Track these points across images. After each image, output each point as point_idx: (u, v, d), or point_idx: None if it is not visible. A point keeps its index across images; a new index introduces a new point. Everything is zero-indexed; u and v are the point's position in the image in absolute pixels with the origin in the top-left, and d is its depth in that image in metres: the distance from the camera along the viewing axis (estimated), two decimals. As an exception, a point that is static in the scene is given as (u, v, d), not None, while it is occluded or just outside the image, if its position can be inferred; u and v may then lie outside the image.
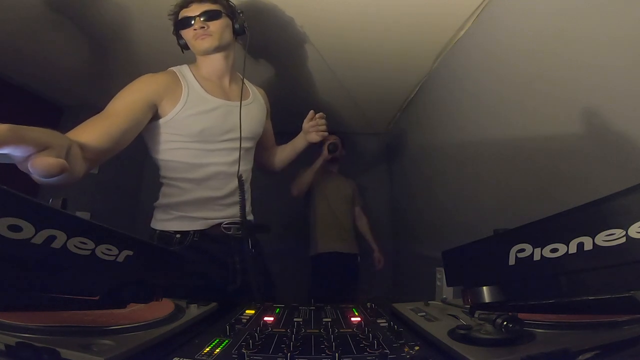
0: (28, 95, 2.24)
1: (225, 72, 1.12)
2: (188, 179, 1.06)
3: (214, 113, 1.05)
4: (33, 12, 1.46)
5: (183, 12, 1.07)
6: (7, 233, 0.36)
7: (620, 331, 0.52)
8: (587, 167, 0.91)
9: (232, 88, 1.14)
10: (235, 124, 1.08)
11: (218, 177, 1.07)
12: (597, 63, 0.87)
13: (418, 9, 1.42)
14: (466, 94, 1.59)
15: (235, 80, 1.17)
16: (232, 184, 1.08)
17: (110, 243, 0.46)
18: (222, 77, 1.13)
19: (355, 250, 2.42)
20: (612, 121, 0.84)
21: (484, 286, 0.52)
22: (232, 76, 1.15)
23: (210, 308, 0.79)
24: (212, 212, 1.07)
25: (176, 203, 1.07)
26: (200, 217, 1.06)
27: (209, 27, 1.05)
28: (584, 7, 0.91)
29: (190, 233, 1.05)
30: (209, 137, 1.04)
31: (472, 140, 1.54)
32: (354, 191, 2.56)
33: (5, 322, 0.50)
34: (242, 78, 1.17)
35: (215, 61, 1.10)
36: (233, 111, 1.09)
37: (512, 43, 1.23)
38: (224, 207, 1.08)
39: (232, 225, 1.09)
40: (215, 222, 1.07)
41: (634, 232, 0.36)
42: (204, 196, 1.06)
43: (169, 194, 1.08)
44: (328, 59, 1.85)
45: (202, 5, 1.05)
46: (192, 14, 1.05)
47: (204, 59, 1.11)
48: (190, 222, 1.05)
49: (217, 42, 1.06)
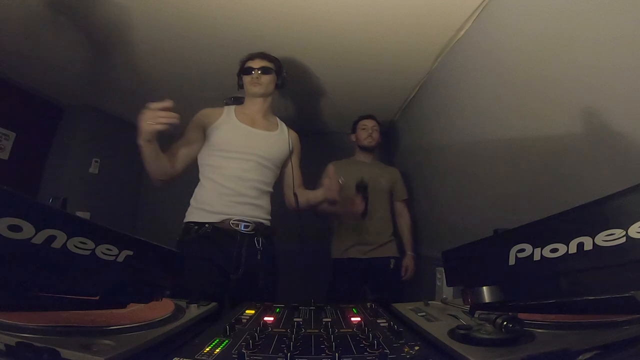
0: (28, 95, 2.24)
1: (260, 110, 1.46)
2: (210, 178, 1.32)
3: (237, 131, 1.37)
4: (33, 12, 1.46)
5: (248, 62, 1.45)
6: (7, 233, 0.36)
7: (620, 331, 0.52)
8: (587, 167, 0.91)
9: (262, 122, 1.46)
10: (254, 144, 1.37)
11: (232, 180, 1.31)
12: (597, 63, 0.87)
13: (418, 9, 1.42)
14: (466, 94, 1.59)
15: (268, 118, 1.49)
16: (243, 186, 1.31)
17: (110, 243, 0.46)
18: (257, 113, 1.46)
19: (386, 254, 2.05)
20: (611, 121, 0.84)
21: (484, 286, 0.52)
22: (265, 114, 1.49)
23: (210, 308, 0.79)
24: (224, 207, 1.29)
25: (200, 198, 1.33)
26: (214, 211, 1.28)
27: (260, 78, 1.42)
28: (584, 7, 0.91)
29: (205, 225, 1.27)
30: (230, 147, 1.33)
31: (472, 140, 1.54)
32: (394, 183, 2.18)
33: (5, 322, 0.50)
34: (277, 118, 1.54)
35: (256, 102, 1.46)
36: (255, 135, 1.40)
37: (512, 43, 1.23)
38: (236, 205, 1.30)
39: (239, 222, 1.29)
40: (226, 217, 1.28)
41: (634, 232, 0.36)
42: (220, 192, 1.30)
43: (198, 191, 1.36)
44: (328, 59, 1.84)
45: (262, 61, 1.44)
46: (253, 66, 1.43)
47: (250, 99, 1.48)
48: (206, 215, 1.28)
49: (262, 91, 1.44)
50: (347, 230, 2.09)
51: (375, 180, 2.08)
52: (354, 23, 1.53)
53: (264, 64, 1.44)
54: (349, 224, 2.08)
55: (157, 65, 1.92)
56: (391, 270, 2.04)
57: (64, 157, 2.43)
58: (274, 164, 1.42)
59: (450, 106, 1.76)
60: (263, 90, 1.43)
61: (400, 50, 1.73)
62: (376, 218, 2.05)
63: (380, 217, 2.08)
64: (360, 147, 2.22)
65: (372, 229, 2.04)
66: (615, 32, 0.82)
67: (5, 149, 2.13)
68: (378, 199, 2.06)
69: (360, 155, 2.24)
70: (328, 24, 1.55)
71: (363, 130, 2.20)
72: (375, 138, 2.19)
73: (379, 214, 2.08)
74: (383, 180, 2.13)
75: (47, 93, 2.33)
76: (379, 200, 2.07)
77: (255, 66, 1.43)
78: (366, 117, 2.23)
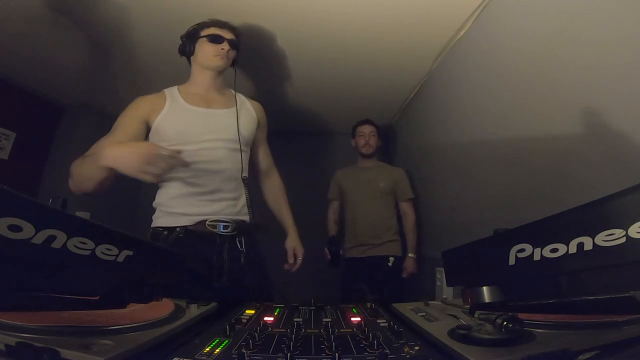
0: (28, 95, 2.24)
1: (213, 86, 1.26)
2: (176, 177, 1.12)
3: (192, 117, 1.17)
4: (33, 12, 1.46)
5: (216, 30, 1.23)
6: (7, 233, 0.36)
7: (620, 331, 0.52)
8: (587, 167, 0.91)
9: (218, 99, 1.25)
10: (215, 127, 1.17)
11: (200, 174, 1.12)
12: (597, 63, 0.87)
13: (418, 9, 1.42)
14: (466, 94, 1.59)
15: (222, 93, 1.28)
16: (216, 179, 1.14)
17: (110, 243, 0.46)
18: (211, 89, 1.25)
19: (385, 253, 2.10)
20: (611, 121, 0.84)
21: (484, 286, 0.52)
22: (220, 89, 1.28)
23: (210, 308, 0.79)
24: (196, 207, 1.12)
25: (165, 200, 1.15)
26: (184, 213, 1.11)
27: (229, 52, 1.23)
28: (584, 7, 0.91)
29: (176, 230, 1.10)
30: (188, 138, 1.13)
31: (472, 140, 1.54)
32: (397, 183, 2.19)
33: (5, 322, 0.50)
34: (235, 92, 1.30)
35: (209, 75, 1.25)
36: (214, 116, 1.20)
37: (512, 43, 1.23)
38: (209, 203, 1.13)
39: (217, 223, 1.12)
40: (200, 219, 1.11)
41: (634, 232, 0.36)
42: (190, 191, 1.12)
43: (161, 192, 1.17)
44: (328, 59, 1.85)
45: (231, 33, 1.25)
46: (225, 36, 1.22)
47: (199, 73, 1.25)
48: (176, 218, 1.12)
49: (226, 65, 1.25)
50: (348, 233, 2.20)
51: (374, 184, 2.18)
52: (354, 23, 1.53)
53: (233, 36, 1.25)
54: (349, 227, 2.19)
55: (157, 65, 1.92)
56: (389, 268, 2.09)
57: (64, 157, 2.43)
58: (245, 144, 1.22)
59: (450, 106, 1.76)
60: (226, 65, 1.25)
61: (400, 50, 1.73)
62: (374, 220, 2.13)
63: (380, 218, 2.14)
64: (360, 154, 2.28)
65: (370, 232, 2.12)
66: (615, 32, 0.82)
67: (5, 149, 2.14)
68: (378, 201, 2.15)
69: (362, 161, 2.29)
70: (328, 24, 1.55)
71: (360, 137, 2.25)
72: (372, 145, 2.24)
73: (378, 217, 2.14)
74: (381, 183, 2.18)
75: (47, 93, 2.33)
76: (376, 203, 2.15)
77: (227, 36, 1.22)
78: (363, 123, 2.28)
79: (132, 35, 1.65)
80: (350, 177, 2.28)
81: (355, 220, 2.17)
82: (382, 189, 2.18)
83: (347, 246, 2.17)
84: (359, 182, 2.22)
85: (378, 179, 2.20)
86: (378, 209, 2.16)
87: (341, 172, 2.33)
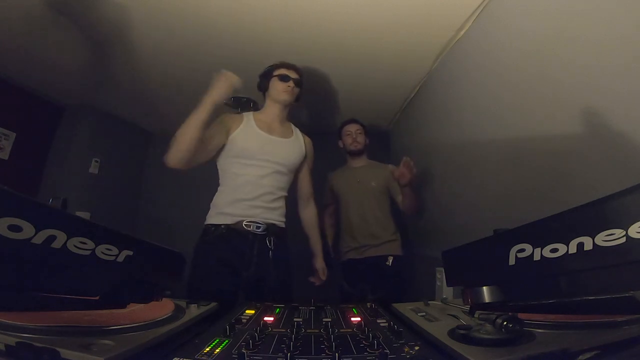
0: (28, 95, 2.24)
1: (278, 117, 1.51)
2: (229, 185, 1.40)
3: (256, 139, 1.42)
4: (33, 12, 1.46)
5: (284, 70, 1.49)
6: (7, 233, 0.36)
7: (620, 331, 0.52)
8: (587, 167, 0.91)
9: (279, 129, 1.50)
10: (270, 151, 1.42)
11: (248, 186, 1.37)
12: (597, 63, 0.87)
13: (418, 9, 1.42)
14: (466, 94, 1.59)
15: (284, 125, 1.54)
16: (259, 191, 1.38)
17: (110, 243, 0.46)
18: (275, 120, 1.50)
19: (383, 252, 2.04)
20: (611, 121, 0.83)
21: (484, 286, 0.52)
22: (282, 121, 1.54)
23: (210, 308, 0.79)
24: (240, 210, 1.36)
25: (217, 202, 1.40)
26: (229, 213, 1.36)
27: (294, 89, 1.49)
28: (584, 7, 0.91)
29: (221, 226, 1.34)
30: (248, 154, 1.39)
31: (472, 140, 1.54)
32: (388, 181, 2.11)
33: (5, 322, 0.50)
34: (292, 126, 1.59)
35: (277, 108, 1.51)
36: (272, 142, 1.45)
37: (512, 43, 1.23)
38: (250, 208, 1.37)
39: (252, 223, 1.35)
40: (239, 219, 1.35)
41: (634, 232, 0.36)
42: (236, 198, 1.37)
43: (217, 196, 1.42)
44: (328, 59, 1.85)
45: (297, 74, 1.51)
46: (291, 75, 1.49)
47: (271, 105, 1.51)
48: (222, 217, 1.36)
49: (292, 100, 1.51)
50: (344, 235, 2.17)
51: (365, 183, 2.14)
52: (354, 23, 1.53)
53: (298, 76, 1.51)
54: (345, 229, 2.16)
55: (157, 65, 1.92)
56: (388, 267, 2.03)
57: (64, 157, 2.43)
58: (290, 169, 1.48)
59: (450, 106, 1.76)
60: (292, 100, 1.51)
61: (400, 50, 1.73)
62: (369, 220, 2.09)
63: (374, 218, 2.10)
64: (348, 153, 2.24)
65: (366, 232, 2.08)
66: (615, 32, 0.82)
67: (5, 149, 2.14)
68: (370, 201, 2.12)
69: (352, 161, 2.26)
70: (328, 24, 1.55)
71: (347, 136, 2.22)
72: (360, 142, 2.20)
73: (372, 216, 2.10)
74: (373, 182, 2.14)
75: (47, 93, 2.33)
76: (371, 203, 2.11)
77: (293, 76, 1.49)
78: (348, 122, 2.25)
79: (132, 35, 1.65)
80: (342, 178, 2.25)
81: (351, 222, 2.14)
82: (374, 188, 2.14)
83: (344, 249, 2.13)
84: (350, 183, 2.19)
85: (369, 178, 2.16)
86: (371, 209, 2.12)
87: (333, 175, 2.30)
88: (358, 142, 2.19)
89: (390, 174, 2.09)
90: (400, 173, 1.86)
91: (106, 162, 2.57)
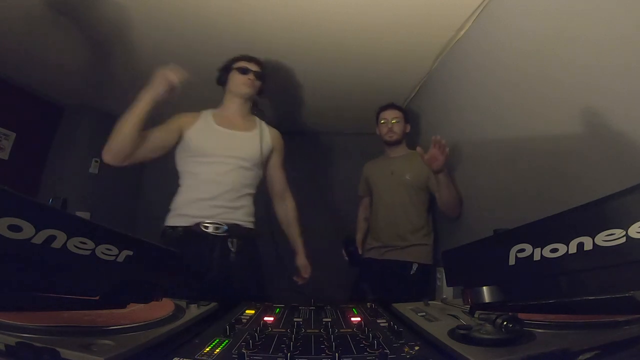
0: (28, 95, 2.24)
1: (239, 111, 1.46)
2: (188, 185, 1.34)
3: (213, 135, 1.36)
4: (33, 12, 1.46)
5: (244, 63, 1.44)
6: (7, 233, 0.36)
7: (620, 331, 0.52)
8: (587, 167, 0.91)
9: (241, 123, 1.44)
10: (229, 146, 1.35)
11: (207, 184, 1.31)
12: (597, 63, 0.87)
13: (418, 9, 1.42)
14: (466, 94, 1.59)
15: (247, 119, 1.48)
16: (219, 190, 1.30)
17: (110, 243, 0.46)
18: (236, 114, 1.45)
19: (407, 258, 1.77)
20: (611, 121, 0.83)
21: (484, 286, 0.52)
22: (245, 116, 1.47)
23: (210, 308, 0.79)
24: (199, 211, 1.28)
25: (176, 203, 1.34)
26: (187, 214, 1.29)
27: (254, 82, 1.44)
28: (584, 7, 0.91)
29: (179, 228, 1.28)
30: (207, 151, 1.32)
31: (472, 140, 1.54)
32: (429, 175, 1.73)
33: (5, 322, 0.50)
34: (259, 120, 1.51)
35: (237, 102, 1.45)
36: (232, 137, 1.38)
37: (512, 43, 1.23)
38: (210, 208, 1.29)
39: (211, 225, 1.28)
40: (198, 220, 1.27)
41: (634, 232, 0.36)
42: (195, 197, 1.30)
43: (176, 197, 1.35)
44: (328, 59, 1.84)
45: (258, 66, 1.46)
46: (251, 68, 1.44)
47: (230, 99, 1.46)
48: (180, 219, 1.29)
49: (252, 93, 1.46)
50: (370, 231, 1.97)
51: (398, 175, 1.87)
52: (354, 23, 1.53)
53: (259, 69, 1.46)
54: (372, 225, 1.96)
55: (157, 65, 1.91)
56: (411, 276, 1.74)
57: (64, 157, 2.43)
58: (254, 164, 1.39)
59: (450, 106, 1.76)
60: (252, 93, 1.46)
61: (400, 50, 1.73)
62: (398, 218, 1.83)
63: (405, 216, 1.82)
64: (385, 143, 1.99)
65: (392, 231, 1.83)
66: (615, 32, 0.82)
67: (5, 149, 2.14)
68: (403, 196, 1.84)
69: (388, 150, 2.01)
70: (328, 24, 1.55)
71: (383, 125, 1.96)
72: (396, 131, 1.93)
73: (402, 214, 1.83)
74: (407, 175, 1.84)
75: (47, 93, 2.33)
76: (403, 198, 1.84)
77: (253, 69, 1.44)
78: (384, 108, 1.98)
79: (132, 35, 1.65)
80: (376, 169, 2.01)
81: (378, 218, 1.90)
82: (409, 181, 1.84)
83: (367, 246, 1.91)
84: (384, 175, 1.94)
85: (404, 170, 1.86)
86: (403, 206, 1.83)
87: (369, 164, 2.08)
88: (394, 132, 1.93)
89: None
90: (431, 156, 1.54)
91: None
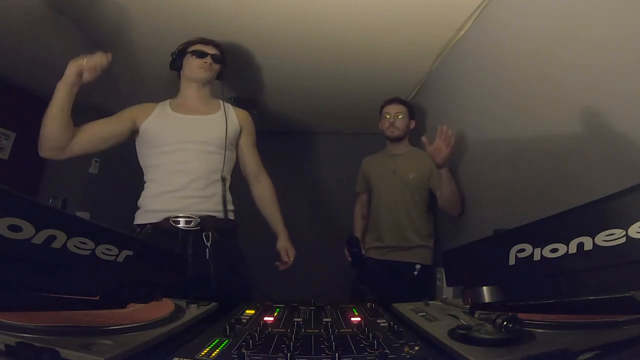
0: (28, 95, 2.24)
1: (197, 96, 1.37)
2: (152, 179, 1.26)
3: (170, 122, 1.28)
4: (33, 12, 1.46)
5: (200, 46, 1.36)
6: (7, 233, 0.36)
7: (620, 331, 0.52)
8: (587, 167, 0.91)
9: (201, 107, 1.36)
10: (189, 130, 1.27)
11: (171, 175, 1.22)
12: (597, 63, 0.87)
13: (418, 9, 1.42)
14: (466, 94, 1.59)
15: (207, 103, 1.39)
16: (185, 179, 1.21)
17: (110, 243, 0.46)
18: (195, 99, 1.37)
19: (409, 259, 1.73)
20: (612, 121, 0.83)
21: (484, 286, 0.52)
22: (205, 100, 1.39)
23: (210, 308, 0.79)
24: (164, 205, 1.20)
25: (142, 200, 1.26)
26: (154, 210, 1.20)
27: (212, 65, 1.35)
28: (584, 7, 0.91)
29: (146, 226, 1.19)
30: (165, 141, 1.24)
31: (472, 140, 1.54)
32: (433, 174, 1.70)
33: (5, 322, 0.50)
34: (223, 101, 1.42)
35: (194, 87, 1.37)
36: (189, 122, 1.30)
37: (512, 43, 1.23)
38: (178, 200, 1.20)
39: (181, 218, 1.17)
40: (167, 215, 1.18)
41: (634, 232, 0.36)
42: (161, 191, 1.22)
43: (142, 194, 1.28)
44: (328, 59, 1.84)
45: (215, 49, 1.38)
46: (207, 51, 1.35)
47: (186, 85, 1.38)
48: (147, 215, 1.21)
49: (210, 77, 1.37)
50: (370, 230, 1.92)
51: (403, 174, 1.81)
52: (354, 23, 1.53)
53: (216, 52, 1.38)
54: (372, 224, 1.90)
55: (157, 65, 1.92)
56: (414, 277, 1.69)
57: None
58: (220, 147, 1.29)
59: (450, 106, 1.76)
60: (210, 77, 1.37)
61: (400, 50, 1.73)
62: (400, 219, 1.78)
63: (407, 216, 1.77)
64: (387, 138, 1.92)
65: (396, 233, 1.78)
66: (615, 32, 0.82)
67: (5, 149, 2.13)
68: (405, 197, 1.78)
69: (390, 146, 1.93)
70: (328, 24, 1.55)
71: (385, 119, 1.89)
72: (399, 127, 1.85)
73: (404, 214, 1.78)
74: (411, 174, 1.79)
75: (47, 93, 2.32)
76: (406, 199, 1.78)
77: (210, 52, 1.35)
78: (390, 102, 1.91)
79: (132, 35, 1.65)
80: (376, 165, 1.92)
81: (379, 218, 1.84)
82: (412, 181, 1.77)
83: (367, 245, 1.86)
84: (385, 172, 1.86)
85: (407, 169, 1.80)
86: (405, 206, 1.77)
87: (368, 160, 2.01)
88: (396, 128, 1.85)
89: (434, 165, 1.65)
90: (436, 147, 1.49)
91: (106, 162, 2.57)
